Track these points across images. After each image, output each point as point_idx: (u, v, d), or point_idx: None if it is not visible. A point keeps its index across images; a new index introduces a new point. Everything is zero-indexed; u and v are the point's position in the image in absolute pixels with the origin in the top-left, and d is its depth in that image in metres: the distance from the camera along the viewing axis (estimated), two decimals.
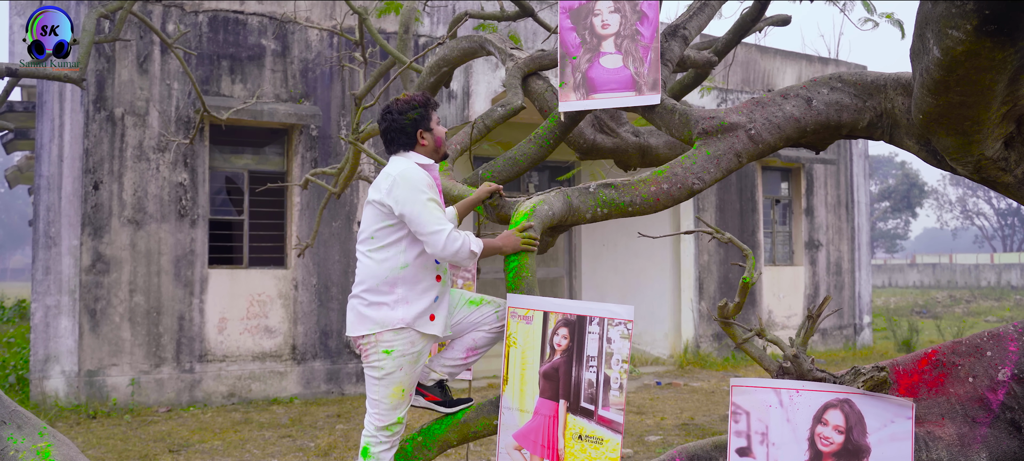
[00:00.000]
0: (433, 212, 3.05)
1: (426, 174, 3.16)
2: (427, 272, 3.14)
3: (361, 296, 3.17)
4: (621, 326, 2.81)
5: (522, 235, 3.13)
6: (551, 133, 4.28)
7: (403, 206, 3.07)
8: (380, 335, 3.08)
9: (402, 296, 3.10)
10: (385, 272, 3.11)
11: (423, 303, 3.10)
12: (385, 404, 3.10)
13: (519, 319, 3.04)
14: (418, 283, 3.12)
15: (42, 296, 8.80)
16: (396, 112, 3.25)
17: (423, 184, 3.09)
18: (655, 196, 3.54)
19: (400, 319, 3.08)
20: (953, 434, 2.85)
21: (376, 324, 3.09)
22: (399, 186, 3.09)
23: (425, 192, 3.07)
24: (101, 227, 9.04)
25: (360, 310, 3.15)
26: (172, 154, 9.38)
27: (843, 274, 14.74)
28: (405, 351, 3.08)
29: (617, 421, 2.78)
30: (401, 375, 3.09)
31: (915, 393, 2.91)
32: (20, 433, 2.77)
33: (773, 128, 3.65)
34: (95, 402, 8.83)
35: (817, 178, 14.47)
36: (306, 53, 10.14)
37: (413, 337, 3.09)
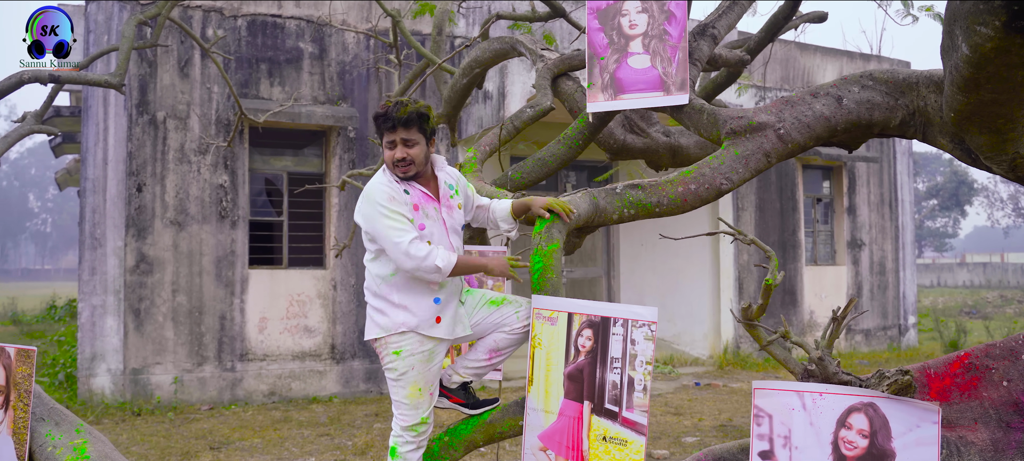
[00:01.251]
0: (389, 226, 3.04)
1: (388, 188, 3.11)
2: (418, 278, 3.14)
3: (369, 301, 3.24)
4: (645, 327, 2.80)
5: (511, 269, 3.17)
6: (580, 134, 4.28)
7: (366, 223, 3.13)
8: (387, 338, 3.14)
9: (400, 302, 3.13)
10: (380, 280, 3.18)
11: (423, 307, 3.12)
12: (405, 404, 3.14)
13: (544, 320, 3.05)
14: (412, 289, 3.13)
15: (88, 296, 9.02)
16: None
17: (381, 198, 3.08)
18: (682, 197, 3.52)
19: (401, 324, 3.12)
20: (986, 439, 2.79)
21: (381, 329, 3.16)
22: (362, 203, 3.17)
23: (382, 206, 3.06)
24: (144, 228, 9.24)
25: (370, 314, 3.23)
26: (212, 156, 9.55)
27: (887, 273, 14.48)
28: (414, 351, 3.11)
29: (641, 423, 2.78)
30: (414, 374, 3.11)
31: (947, 397, 2.86)
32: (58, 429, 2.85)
33: (803, 127, 3.61)
34: (140, 399, 9.03)
35: (859, 176, 14.23)
36: (343, 56, 10.25)
37: (419, 338, 3.12)
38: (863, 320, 14.09)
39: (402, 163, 3.11)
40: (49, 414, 2.93)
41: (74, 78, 5.14)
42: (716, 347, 12.38)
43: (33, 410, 2.90)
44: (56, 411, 2.96)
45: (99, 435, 3.02)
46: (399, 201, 3.08)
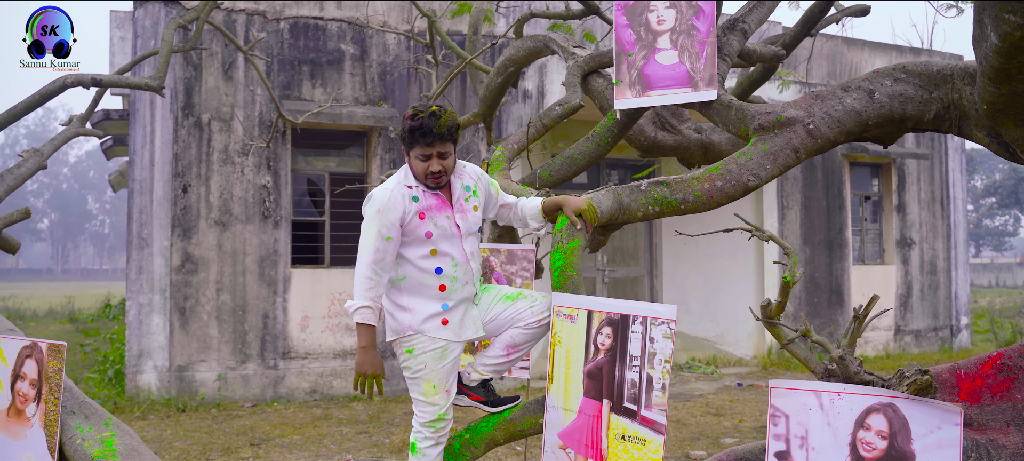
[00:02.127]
0: (364, 235, 3.09)
1: (388, 195, 3.11)
2: (426, 283, 3.15)
3: (383, 304, 3.26)
4: (664, 326, 2.77)
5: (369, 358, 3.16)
6: (609, 131, 4.25)
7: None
8: (400, 339, 3.20)
9: (406, 304, 3.18)
10: (390, 283, 3.23)
11: (428, 310, 3.15)
12: (422, 401, 3.17)
13: (564, 318, 3.03)
14: (419, 293, 3.17)
15: (136, 294, 9.24)
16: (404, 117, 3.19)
17: (375, 203, 3.10)
18: (709, 194, 3.47)
19: (408, 327, 3.17)
20: (1019, 442, 2.70)
21: (393, 331, 3.22)
22: (364, 203, 3.21)
23: (370, 215, 3.10)
24: (190, 228, 9.42)
25: (384, 317, 3.27)
26: (255, 157, 9.70)
27: (938, 273, 14.12)
28: (425, 348, 3.14)
29: (660, 422, 2.75)
30: (428, 372, 3.14)
31: (978, 398, 2.77)
32: (87, 422, 2.92)
33: (833, 122, 3.53)
34: (184, 396, 9.21)
35: (909, 173, 13.90)
36: (384, 57, 10.34)
37: (429, 337, 3.15)
38: (913, 321, 13.76)
39: (436, 175, 3.12)
40: (79, 408, 3.01)
41: (115, 81, 5.26)
42: (760, 347, 12.20)
43: (64, 403, 2.98)
44: (86, 405, 3.04)
45: (127, 429, 3.09)
46: (395, 214, 3.07)
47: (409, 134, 3.08)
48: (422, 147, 3.07)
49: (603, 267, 12.71)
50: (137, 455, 2.87)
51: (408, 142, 3.11)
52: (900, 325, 13.61)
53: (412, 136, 3.07)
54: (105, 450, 2.80)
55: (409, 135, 3.08)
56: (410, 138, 3.08)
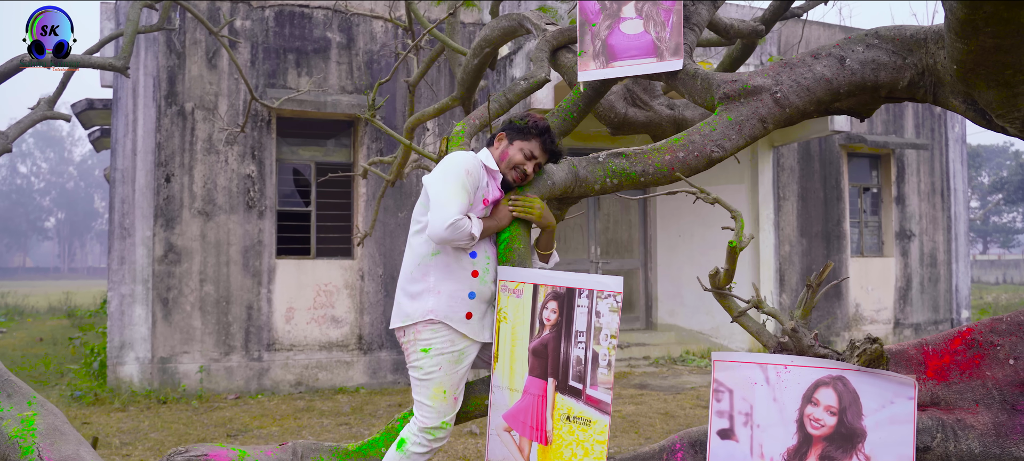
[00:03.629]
0: (451, 191, 2.87)
1: (476, 164, 3.00)
2: (460, 262, 2.95)
3: (401, 286, 3.08)
4: (610, 299, 2.60)
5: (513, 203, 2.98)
6: (574, 106, 4.08)
7: (432, 182, 2.96)
8: (417, 330, 2.95)
9: (433, 285, 2.95)
10: (419, 257, 3.01)
11: (457, 295, 2.94)
12: (427, 406, 2.94)
13: (509, 293, 2.87)
14: (451, 273, 2.95)
15: (117, 285, 9.10)
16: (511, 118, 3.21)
17: (464, 166, 2.94)
18: (669, 165, 3.31)
19: (430, 310, 2.93)
20: (988, 423, 2.53)
21: (407, 316, 2.98)
22: (443, 162, 3.01)
23: (459, 173, 2.91)
24: (173, 218, 9.29)
25: (398, 300, 3.07)
26: (240, 147, 9.56)
27: (938, 266, 13.90)
28: (444, 350, 2.91)
29: (605, 401, 2.58)
30: (441, 375, 2.91)
31: (946, 376, 2.60)
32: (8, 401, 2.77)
33: (802, 90, 3.36)
34: (167, 388, 9.08)
35: (909, 164, 13.69)
36: (371, 44, 10.19)
37: (451, 336, 2.92)
38: (913, 314, 13.55)
39: (523, 175, 3.09)
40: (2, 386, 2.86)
41: (77, 61, 5.12)
42: (755, 341, 12.00)
43: None
44: (9, 383, 2.89)
45: (53, 408, 2.94)
46: (475, 180, 2.96)
47: (532, 128, 3.09)
48: (535, 146, 3.08)
49: (597, 259, 12.55)
50: (60, 435, 2.73)
51: (523, 133, 3.08)
52: (899, 318, 13.40)
53: (533, 131, 3.09)
54: (24, 429, 2.65)
55: (530, 129, 3.08)
56: (527, 132, 3.08)
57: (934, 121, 13.90)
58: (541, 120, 3.11)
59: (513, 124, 3.12)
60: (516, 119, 3.12)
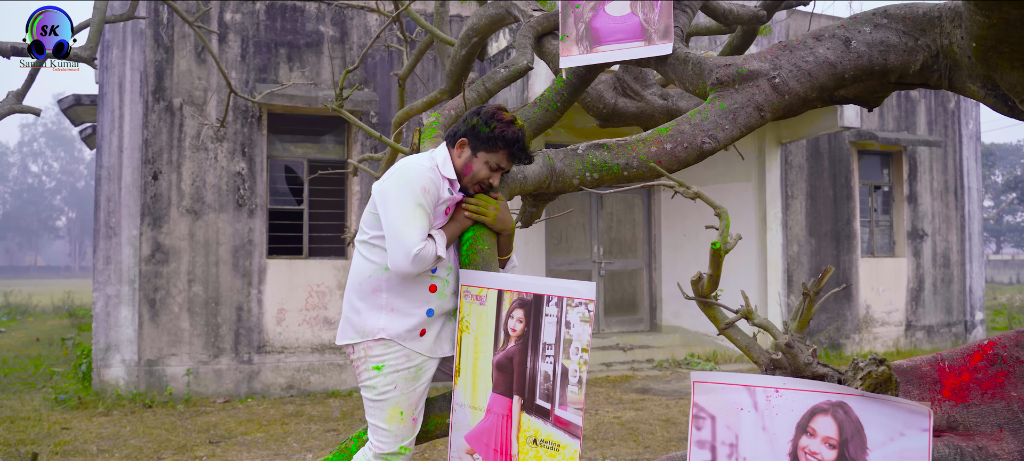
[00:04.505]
0: (408, 217, 2.53)
1: (431, 175, 2.62)
2: (417, 278, 2.62)
3: (347, 298, 2.76)
4: (581, 307, 2.30)
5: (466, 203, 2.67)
6: (558, 95, 3.77)
7: (383, 200, 2.62)
8: (368, 346, 2.64)
9: (385, 302, 2.64)
10: (369, 270, 2.68)
11: (412, 315, 2.63)
12: (384, 430, 2.63)
13: (472, 299, 2.57)
14: (406, 289, 2.63)
15: (103, 285, 8.85)
16: (475, 114, 2.77)
17: (418, 181, 2.57)
18: (656, 158, 3.00)
19: (382, 329, 2.62)
20: (1014, 451, 2.21)
21: (358, 333, 2.67)
22: (391, 176, 2.65)
23: (414, 191, 2.55)
24: (160, 217, 9.03)
25: (346, 314, 2.75)
26: (230, 143, 9.29)
27: (951, 266, 13.52)
28: (398, 366, 2.61)
29: (575, 423, 2.28)
30: (396, 395, 2.61)
31: (965, 397, 2.28)
32: None
33: (803, 75, 3.04)
34: (153, 391, 8.82)
35: (921, 162, 13.31)
36: (365, 39, 9.90)
37: (406, 351, 2.62)
38: (925, 316, 13.18)
39: (487, 188, 2.74)
40: None
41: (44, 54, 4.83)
42: (762, 343, 11.66)
43: None
44: None
45: None
46: (433, 197, 2.60)
47: (498, 139, 2.68)
48: (502, 158, 2.71)
49: (599, 259, 12.23)
50: None
51: (488, 144, 2.68)
52: (912, 320, 13.03)
53: (500, 142, 2.68)
54: None
55: (497, 140, 2.68)
56: (493, 142, 2.68)
57: (947, 117, 13.52)
58: (510, 127, 2.69)
59: (477, 131, 2.69)
60: (481, 124, 2.69)
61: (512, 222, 2.74)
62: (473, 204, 2.69)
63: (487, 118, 2.68)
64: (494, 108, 2.70)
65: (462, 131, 2.72)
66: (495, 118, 2.68)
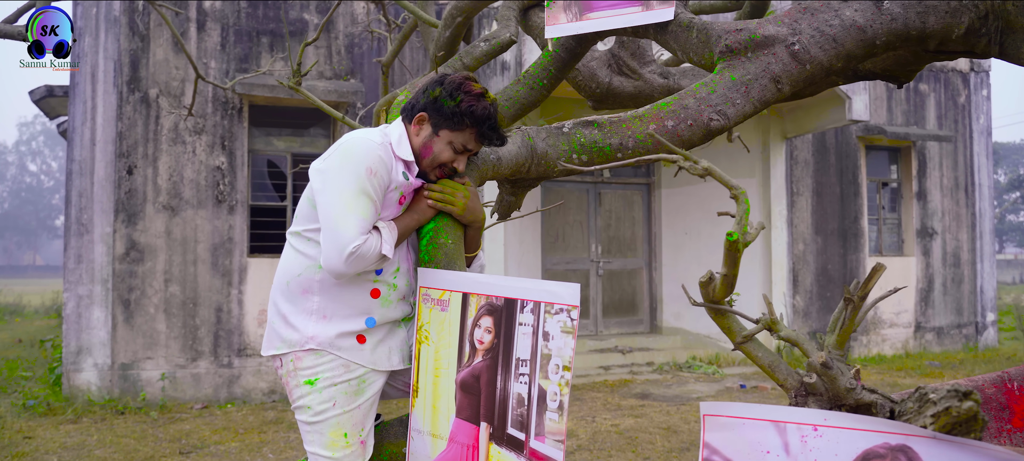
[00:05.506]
0: (349, 205, 2.06)
1: (382, 154, 2.13)
2: (354, 281, 2.17)
3: (272, 301, 2.29)
4: (563, 315, 1.86)
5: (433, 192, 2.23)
6: (544, 71, 3.32)
7: (321, 182, 2.14)
8: (297, 358, 2.17)
9: (317, 307, 2.18)
10: (298, 268, 2.21)
11: (349, 321, 2.17)
12: (325, 457, 2.18)
13: (433, 304, 2.13)
14: (342, 294, 2.16)
15: (74, 285, 8.41)
16: (438, 83, 2.28)
17: (365, 161, 2.08)
18: (654, 138, 2.55)
19: (311, 337, 2.16)
20: None
21: (284, 342, 2.20)
22: (332, 154, 2.16)
23: (359, 174, 2.08)
24: (135, 213, 8.59)
25: (271, 320, 2.28)
26: (209, 137, 8.85)
27: (962, 266, 13.07)
28: (335, 379, 2.15)
29: (554, 458, 1.84)
30: (336, 413, 2.16)
31: None
32: None
33: (826, 41, 2.60)
34: (127, 397, 8.38)
35: (931, 158, 12.86)
36: (351, 27, 9.46)
37: (342, 361, 2.17)
38: (935, 317, 12.73)
39: (450, 173, 2.27)
40: None
41: None
42: (767, 346, 11.21)
43: None
44: None
45: None
46: (382, 181, 2.13)
47: (465, 115, 2.20)
48: (468, 138, 2.23)
49: (598, 258, 11.78)
50: None
51: (452, 121, 2.21)
52: (921, 322, 12.58)
53: (467, 119, 2.20)
54: None
55: (464, 116, 2.20)
56: (459, 119, 2.20)
57: (957, 111, 13.07)
58: (480, 101, 2.21)
59: (440, 105, 2.21)
60: (445, 97, 2.21)
61: (483, 213, 2.28)
62: (437, 191, 2.23)
63: (452, 89, 2.22)
64: (461, 77, 2.25)
65: (421, 104, 2.26)
66: (462, 89, 2.21)
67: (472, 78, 2.27)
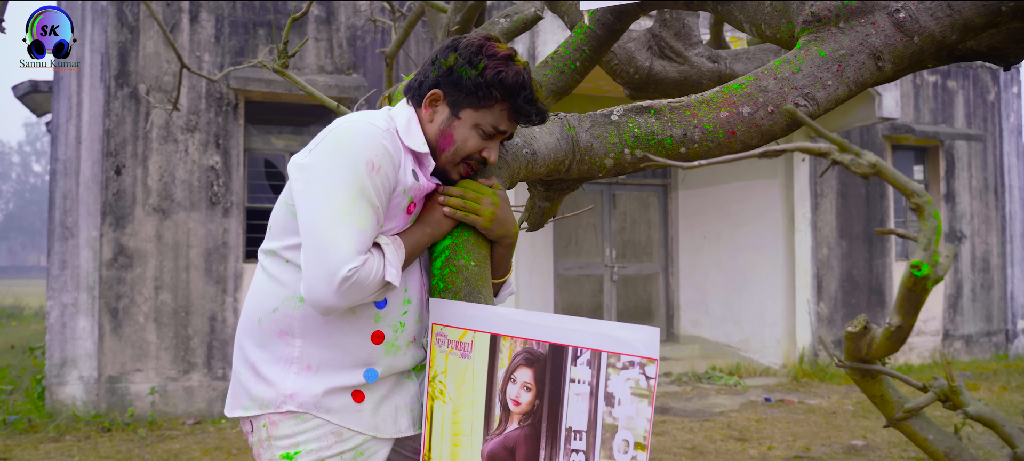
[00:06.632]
0: (341, 214, 1.51)
1: (385, 146, 1.58)
2: (350, 320, 1.63)
3: (239, 345, 1.75)
4: (634, 371, 1.33)
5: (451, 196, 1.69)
6: (577, 51, 2.80)
7: (302, 181, 1.60)
8: (272, 423, 1.64)
9: (300, 354, 1.64)
10: (274, 301, 1.67)
11: (342, 373, 1.64)
12: None
13: (449, 347, 1.60)
14: (332, 336, 1.63)
15: (58, 293, 7.90)
16: (452, 48, 1.73)
17: (359, 159, 1.54)
18: (728, 128, 2.03)
19: (290, 395, 1.62)
20: None
21: (255, 401, 1.67)
22: (318, 146, 1.63)
23: (353, 174, 1.53)
24: (123, 216, 8.08)
25: (237, 369, 1.74)
26: (203, 135, 8.34)
27: (991, 271, 12.51)
28: (323, 452, 1.62)
29: None
30: None
31: None
32: None
33: (940, 7, 2.07)
34: (115, 412, 7.87)
35: (959, 158, 12.30)
36: (354, 19, 8.95)
37: (335, 428, 1.63)
38: (964, 324, 12.17)
39: (477, 165, 1.73)
40: None
41: None
42: (790, 355, 10.68)
43: None
44: None
45: None
46: (387, 180, 1.58)
47: (493, 85, 1.65)
48: (499, 116, 1.68)
49: (612, 263, 11.24)
50: None
51: (476, 95, 1.66)
52: (949, 329, 12.03)
53: (496, 90, 1.65)
54: None
55: (491, 87, 1.65)
56: (485, 91, 1.65)
57: (987, 109, 12.52)
58: (509, 64, 1.67)
59: (457, 76, 1.67)
60: (463, 64, 1.66)
61: (515, 224, 1.74)
62: (457, 195, 1.69)
63: (471, 54, 1.66)
64: (481, 38, 1.69)
65: (433, 79, 1.71)
66: (484, 53, 1.66)
67: (495, 37, 1.70)
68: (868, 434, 7.37)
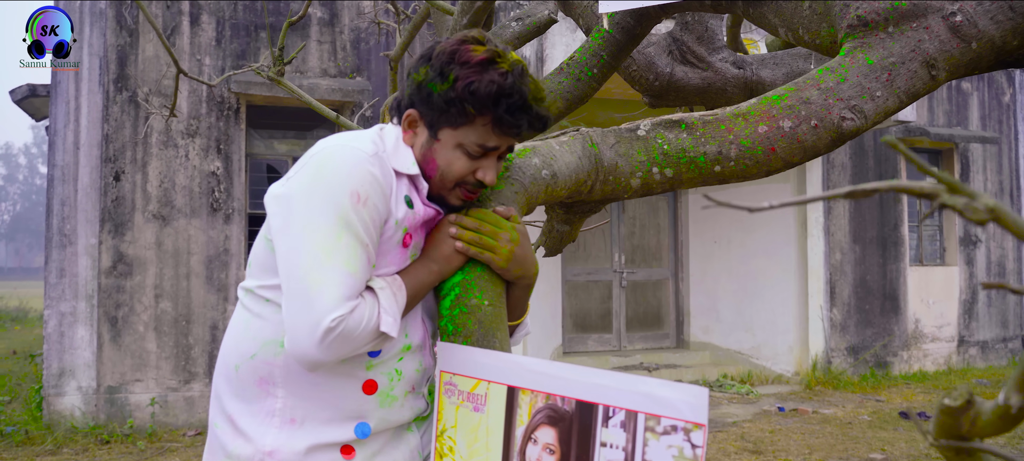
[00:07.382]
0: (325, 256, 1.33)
1: (372, 171, 1.39)
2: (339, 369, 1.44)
3: (216, 392, 1.56)
4: (679, 435, 1.14)
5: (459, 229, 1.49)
6: (594, 57, 2.61)
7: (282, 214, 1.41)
8: None
9: (282, 406, 1.45)
10: (253, 346, 1.48)
11: (329, 427, 1.45)
12: None
13: (459, 399, 1.41)
14: (318, 387, 1.45)
15: (56, 301, 7.73)
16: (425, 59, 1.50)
17: (344, 185, 1.36)
18: (768, 144, 1.83)
19: (270, 452, 1.44)
20: None
21: (231, 458, 1.48)
22: (300, 173, 1.42)
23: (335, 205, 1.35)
24: (123, 223, 7.91)
25: (211, 421, 1.56)
26: (203, 139, 8.17)
27: (1007, 276, 12.28)
28: None
29: None
30: None
31: None
32: None
33: (1000, 10, 1.88)
34: (114, 423, 7.70)
35: (974, 160, 12.08)
36: (357, 21, 8.77)
37: None
38: (979, 331, 11.94)
39: (476, 189, 1.51)
40: None
41: None
42: (803, 362, 10.47)
43: None
44: None
45: None
46: (376, 212, 1.39)
47: (465, 99, 1.42)
48: (483, 131, 1.45)
49: (621, 269, 11.05)
50: None
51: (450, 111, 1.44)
52: (964, 336, 11.80)
53: (470, 103, 1.42)
54: None
55: (463, 100, 1.42)
56: (458, 106, 1.43)
57: (1002, 111, 12.29)
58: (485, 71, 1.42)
59: (428, 91, 1.45)
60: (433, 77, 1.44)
61: (535, 264, 1.53)
62: (471, 229, 1.49)
63: (442, 64, 1.43)
64: (453, 43, 1.46)
65: (408, 97, 1.50)
66: (456, 60, 1.43)
67: (472, 38, 1.46)
68: (887, 446, 7.17)
